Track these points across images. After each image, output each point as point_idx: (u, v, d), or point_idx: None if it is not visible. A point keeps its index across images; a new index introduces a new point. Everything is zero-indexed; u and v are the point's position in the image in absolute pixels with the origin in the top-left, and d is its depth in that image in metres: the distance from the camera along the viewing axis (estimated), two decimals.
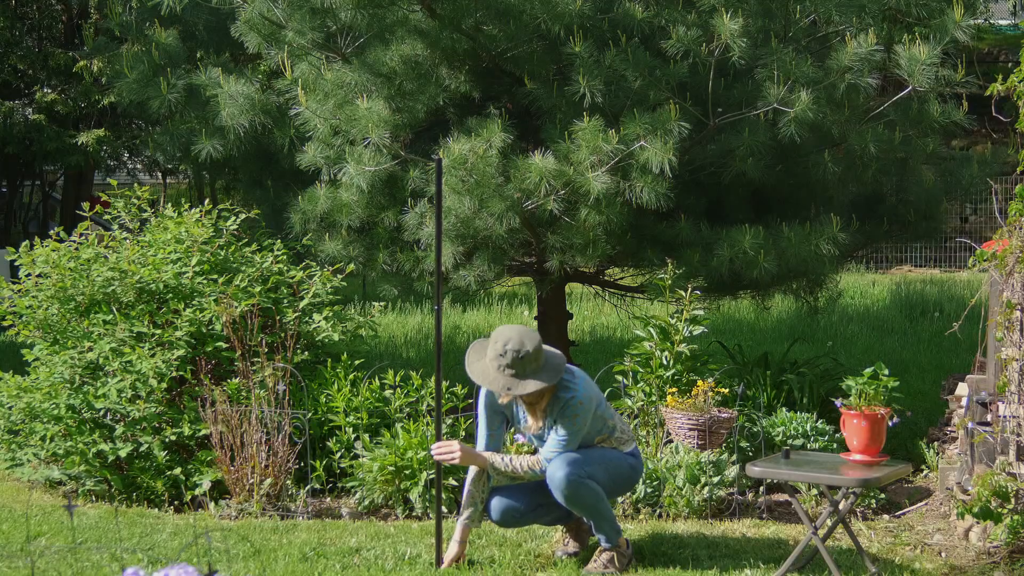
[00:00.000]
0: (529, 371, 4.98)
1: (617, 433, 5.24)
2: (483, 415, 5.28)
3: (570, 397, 5.06)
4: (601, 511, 5.17)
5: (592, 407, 5.11)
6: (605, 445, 5.23)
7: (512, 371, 4.97)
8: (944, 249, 17.68)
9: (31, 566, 5.12)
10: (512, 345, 4.97)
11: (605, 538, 5.22)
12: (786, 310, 12.06)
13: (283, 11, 7.32)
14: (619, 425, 5.28)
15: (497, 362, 4.99)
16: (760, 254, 7.01)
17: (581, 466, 5.07)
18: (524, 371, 4.97)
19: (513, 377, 4.97)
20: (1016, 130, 5.53)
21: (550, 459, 5.07)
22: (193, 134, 7.81)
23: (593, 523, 5.23)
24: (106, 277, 6.98)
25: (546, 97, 7.06)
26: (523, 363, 4.96)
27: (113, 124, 16.20)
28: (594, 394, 5.16)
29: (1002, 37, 22.35)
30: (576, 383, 5.10)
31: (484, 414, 5.28)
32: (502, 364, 4.98)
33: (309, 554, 5.38)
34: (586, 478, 5.07)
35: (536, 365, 4.99)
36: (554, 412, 5.10)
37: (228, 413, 6.34)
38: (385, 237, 7.58)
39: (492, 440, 5.26)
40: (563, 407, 5.07)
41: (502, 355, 4.97)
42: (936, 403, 8.04)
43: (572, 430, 5.06)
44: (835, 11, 7.06)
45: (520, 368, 4.96)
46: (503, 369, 4.98)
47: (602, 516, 5.18)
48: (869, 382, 5.29)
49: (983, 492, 5.30)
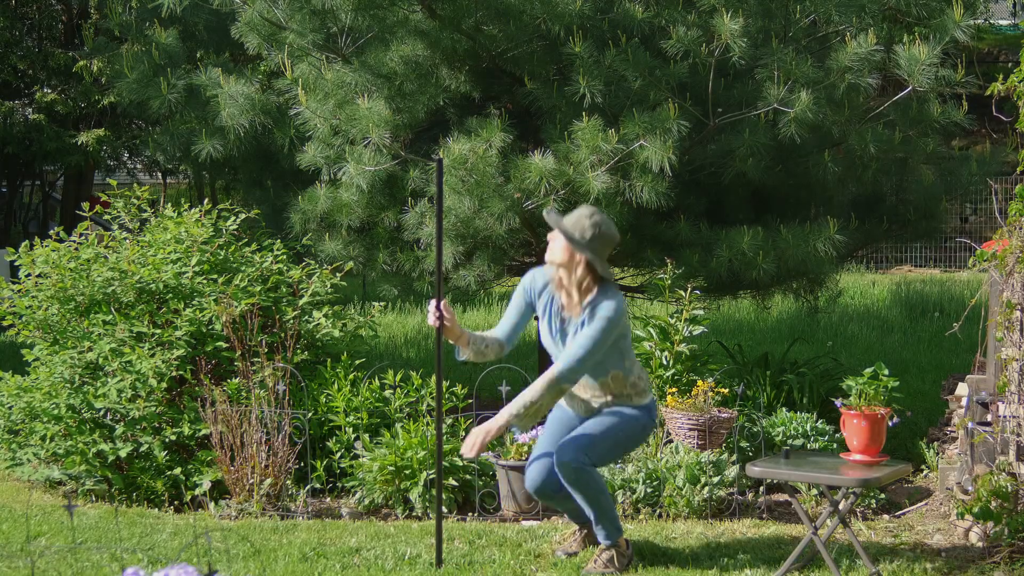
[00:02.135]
0: (595, 246, 5.08)
1: (633, 378, 5.19)
2: (515, 302, 5.29)
3: (607, 303, 5.09)
4: (602, 504, 5.16)
5: (617, 328, 5.10)
6: (618, 392, 5.19)
7: (588, 234, 5.07)
8: (944, 249, 17.69)
9: (31, 566, 5.12)
10: (601, 219, 5.12)
11: (605, 534, 5.21)
12: (786, 310, 12.06)
13: (283, 12, 7.32)
14: (636, 371, 5.24)
15: (581, 220, 5.10)
16: (759, 255, 7.01)
17: (587, 452, 5.07)
18: (594, 243, 5.08)
19: (583, 239, 5.06)
20: (1016, 130, 5.53)
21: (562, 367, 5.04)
22: (193, 134, 7.82)
23: (593, 515, 5.20)
24: (106, 277, 6.99)
25: (546, 97, 7.06)
26: (598, 236, 5.08)
27: (113, 124, 16.20)
28: (623, 323, 5.17)
29: (1002, 37, 22.37)
30: (618, 301, 5.15)
31: (516, 301, 5.28)
32: (585, 224, 5.08)
33: (309, 554, 5.38)
34: (590, 467, 5.08)
35: (605, 250, 5.13)
36: (592, 309, 5.10)
37: (228, 413, 6.34)
38: (385, 237, 7.58)
39: (514, 328, 5.27)
40: (598, 308, 5.09)
41: (590, 216, 5.10)
42: (936, 403, 8.04)
43: (594, 338, 5.04)
44: (835, 11, 7.07)
45: (594, 238, 5.07)
46: (582, 228, 5.08)
47: (603, 510, 5.17)
48: (869, 382, 5.29)
49: (983, 492, 5.30)
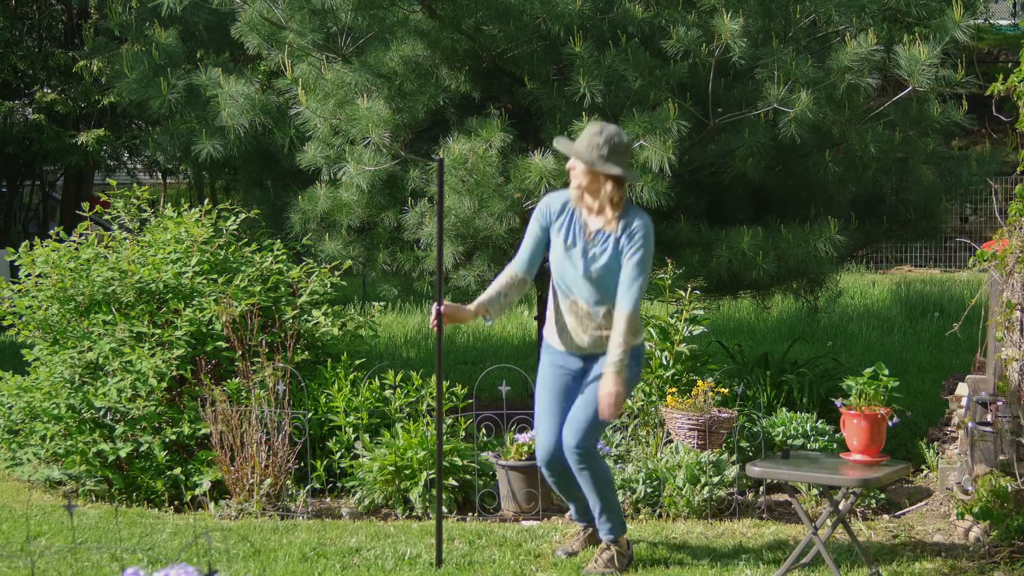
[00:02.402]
0: (616, 159, 5.04)
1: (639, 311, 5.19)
2: (532, 231, 5.24)
3: (639, 222, 5.09)
4: (608, 497, 5.18)
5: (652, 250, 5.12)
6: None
7: (604, 151, 5.02)
8: (944, 249, 17.68)
9: (31, 566, 5.12)
10: (610, 131, 5.07)
11: (609, 528, 5.20)
12: (786, 310, 12.06)
13: (283, 12, 7.32)
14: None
15: (592, 140, 5.04)
16: (759, 255, 7.01)
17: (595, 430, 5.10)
18: (613, 157, 5.03)
19: (602, 158, 5.02)
20: (1016, 130, 5.53)
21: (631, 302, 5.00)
22: (193, 134, 7.81)
23: (599, 507, 5.19)
24: (106, 277, 6.99)
25: (546, 97, 7.06)
26: (615, 149, 5.03)
27: (113, 124, 16.20)
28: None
29: (1002, 37, 22.36)
30: (647, 219, 5.15)
31: (533, 230, 5.23)
32: (597, 143, 5.03)
33: (309, 554, 5.38)
34: (597, 454, 5.15)
35: (625, 159, 5.10)
36: (627, 227, 5.08)
37: (228, 413, 6.34)
38: (385, 237, 7.58)
39: (532, 256, 5.21)
40: (634, 227, 5.07)
41: (598, 134, 5.04)
42: (936, 403, 8.04)
43: (645, 258, 5.05)
44: (835, 11, 7.06)
45: (611, 152, 5.02)
46: (592, 148, 5.04)
47: (609, 503, 5.18)
48: (869, 382, 5.29)
49: (983, 492, 5.30)
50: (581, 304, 5.10)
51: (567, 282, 5.13)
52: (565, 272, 5.14)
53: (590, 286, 5.08)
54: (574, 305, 5.13)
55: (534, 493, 6.19)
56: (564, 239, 5.13)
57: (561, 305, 5.18)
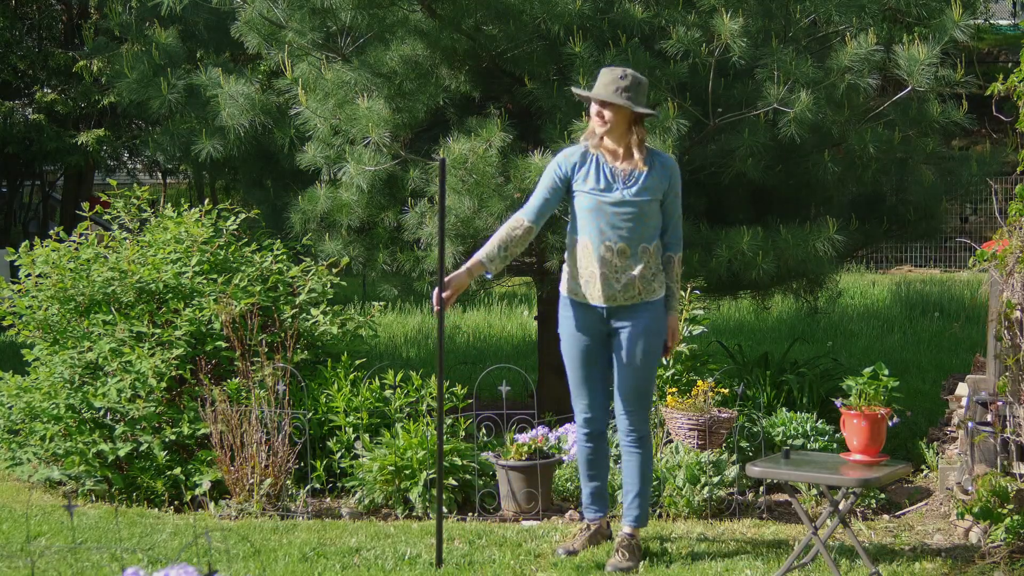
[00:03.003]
0: (640, 99, 5.15)
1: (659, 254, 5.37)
2: (547, 180, 5.27)
3: (665, 159, 5.28)
4: (647, 482, 5.37)
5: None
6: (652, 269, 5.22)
7: (628, 93, 5.12)
8: (944, 249, 17.68)
9: (31, 566, 5.12)
10: (631, 73, 5.18)
11: (635, 517, 5.32)
12: (786, 310, 12.06)
13: (283, 11, 7.32)
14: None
15: (615, 84, 5.13)
16: (759, 255, 7.01)
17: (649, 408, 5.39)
18: (637, 97, 5.14)
19: (630, 99, 5.11)
20: (1016, 130, 5.53)
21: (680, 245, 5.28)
22: (193, 134, 7.81)
23: (634, 491, 5.32)
24: (106, 277, 6.99)
25: (546, 97, 7.06)
26: (638, 89, 5.14)
27: (113, 124, 16.20)
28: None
29: (1002, 37, 22.37)
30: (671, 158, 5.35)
31: (549, 179, 5.26)
32: (620, 86, 5.12)
33: (309, 554, 5.38)
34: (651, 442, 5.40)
35: (643, 97, 5.20)
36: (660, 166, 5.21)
37: (228, 413, 6.34)
38: (385, 237, 7.58)
39: (545, 205, 5.26)
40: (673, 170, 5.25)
41: (622, 78, 5.13)
42: (936, 403, 8.04)
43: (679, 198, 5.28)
44: (835, 11, 7.06)
45: (635, 92, 5.13)
46: (620, 91, 5.12)
47: (645, 490, 5.36)
48: (869, 382, 5.29)
49: (983, 492, 5.30)
50: (618, 247, 5.15)
51: (601, 227, 5.16)
52: (601, 216, 5.16)
53: (631, 225, 5.15)
54: (608, 251, 5.16)
55: (534, 493, 6.19)
56: (596, 184, 5.19)
57: (593, 255, 5.17)
